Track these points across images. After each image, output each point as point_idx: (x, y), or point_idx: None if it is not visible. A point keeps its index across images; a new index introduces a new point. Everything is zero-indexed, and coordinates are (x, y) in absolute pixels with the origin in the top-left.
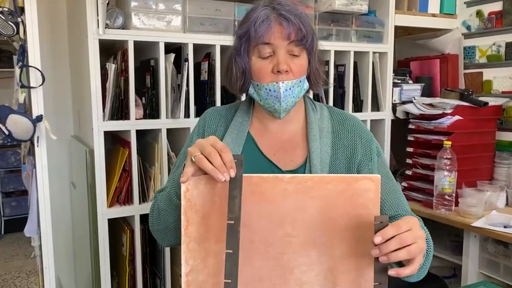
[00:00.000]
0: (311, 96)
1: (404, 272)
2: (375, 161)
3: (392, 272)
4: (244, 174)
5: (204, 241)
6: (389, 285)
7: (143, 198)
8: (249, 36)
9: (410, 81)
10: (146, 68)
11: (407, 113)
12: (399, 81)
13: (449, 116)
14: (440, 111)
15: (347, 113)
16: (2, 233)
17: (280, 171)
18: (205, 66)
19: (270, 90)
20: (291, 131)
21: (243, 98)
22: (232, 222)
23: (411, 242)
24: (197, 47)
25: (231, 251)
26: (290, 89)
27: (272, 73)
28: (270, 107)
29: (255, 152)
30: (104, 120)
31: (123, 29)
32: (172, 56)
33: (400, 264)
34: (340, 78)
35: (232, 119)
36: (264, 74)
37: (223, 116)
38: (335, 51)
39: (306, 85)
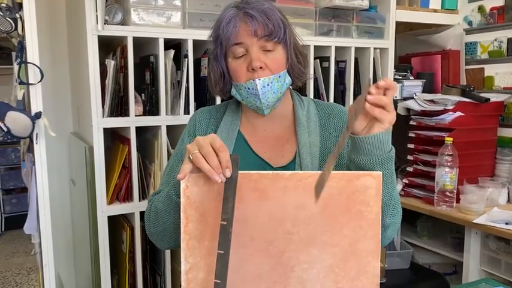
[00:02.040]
0: (312, 93)
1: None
2: None
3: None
4: (244, 171)
5: (203, 239)
6: (390, 283)
7: (143, 195)
8: (221, 40)
9: (412, 77)
10: (146, 64)
11: (408, 109)
12: (400, 77)
13: (450, 112)
14: (441, 108)
15: (332, 103)
16: (3, 230)
17: (272, 168)
18: (205, 62)
19: (248, 88)
20: (280, 128)
21: None
22: (225, 223)
23: (390, 110)
24: (197, 43)
25: (222, 252)
26: (268, 85)
27: (248, 71)
28: (252, 105)
29: (246, 151)
30: (103, 117)
31: (122, 25)
32: (171, 52)
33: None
34: (341, 74)
35: (221, 118)
36: (241, 74)
37: (213, 116)
38: (336, 47)
39: (288, 79)
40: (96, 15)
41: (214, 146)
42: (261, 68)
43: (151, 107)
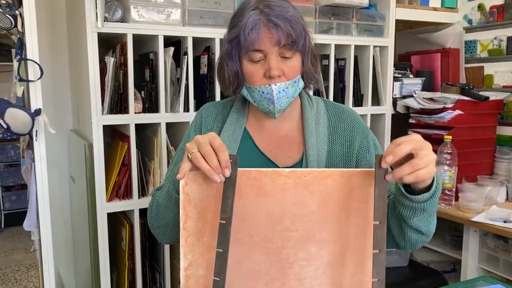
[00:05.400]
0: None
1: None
2: (372, 152)
3: (389, 177)
4: (243, 169)
5: (202, 235)
6: (389, 281)
7: (142, 192)
8: (238, 41)
9: (411, 76)
10: (145, 61)
11: (407, 108)
12: (400, 76)
13: (449, 111)
14: (441, 106)
15: (343, 106)
16: (2, 227)
17: (277, 168)
18: (204, 59)
19: (263, 92)
20: (288, 128)
21: None
22: (224, 222)
23: (423, 166)
24: (196, 41)
25: (221, 250)
26: (284, 90)
27: (264, 77)
28: (264, 108)
29: (252, 149)
30: (102, 114)
31: (122, 22)
32: (171, 49)
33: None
34: (340, 72)
35: (228, 114)
36: (256, 79)
37: (219, 112)
38: (335, 45)
39: (301, 84)
40: (96, 13)
41: (214, 145)
42: (279, 76)
43: (150, 104)
